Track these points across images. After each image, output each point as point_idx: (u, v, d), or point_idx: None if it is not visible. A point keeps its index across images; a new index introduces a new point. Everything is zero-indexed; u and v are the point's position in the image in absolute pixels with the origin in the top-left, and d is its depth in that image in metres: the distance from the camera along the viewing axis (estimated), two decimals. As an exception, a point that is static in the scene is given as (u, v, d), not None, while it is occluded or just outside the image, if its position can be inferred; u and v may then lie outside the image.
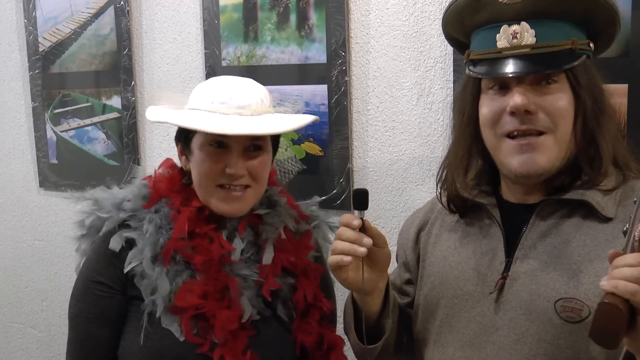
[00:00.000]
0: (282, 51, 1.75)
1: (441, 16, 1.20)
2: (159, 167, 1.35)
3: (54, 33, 2.20)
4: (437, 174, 1.23)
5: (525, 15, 1.05)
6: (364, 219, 1.13)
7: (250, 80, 1.30)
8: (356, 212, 1.15)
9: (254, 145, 1.25)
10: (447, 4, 1.15)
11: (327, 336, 1.30)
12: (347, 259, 1.11)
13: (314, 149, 1.74)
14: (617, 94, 1.35)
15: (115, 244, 1.25)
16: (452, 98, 1.55)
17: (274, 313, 1.28)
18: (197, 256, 1.22)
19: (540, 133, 1.05)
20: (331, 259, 1.13)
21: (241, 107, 1.23)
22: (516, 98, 1.04)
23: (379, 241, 1.15)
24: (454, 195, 1.19)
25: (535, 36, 1.04)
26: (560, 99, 1.05)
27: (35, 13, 2.23)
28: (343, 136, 1.70)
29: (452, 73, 1.54)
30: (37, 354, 2.47)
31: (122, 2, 2.03)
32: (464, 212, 1.19)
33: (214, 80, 1.29)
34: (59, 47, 2.20)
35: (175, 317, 1.20)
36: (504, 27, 1.06)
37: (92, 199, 1.32)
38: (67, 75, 2.20)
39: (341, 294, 1.70)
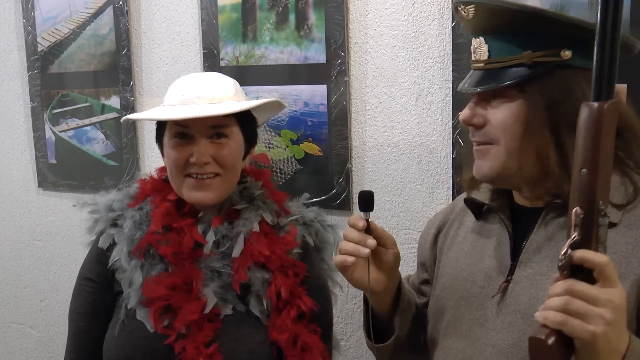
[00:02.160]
0: (281, 51, 1.75)
1: (440, 16, 1.20)
2: (155, 171, 1.41)
3: (52, 33, 2.20)
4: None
5: (480, 31, 1.08)
6: (369, 220, 1.14)
7: (217, 73, 1.37)
8: (362, 213, 1.16)
9: (217, 133, 1.29)
10: (445, 5, 1.16)
11: (303, 336, 1.29)
12: (350, 259, 1.13)
13: (313, 149, 1.74)
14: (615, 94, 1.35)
15: (103, 242, 1.32)
16: (450, 98, 1.55)
17: (248, 309, 1.29)
18: (168, 248, 1.26)
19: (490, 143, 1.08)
20: (336, 259, 1.15)
21: (199, 97, 1.29)
22: (463, 112, 1.09)
23: (386, 242, 1.17)
24: (468, 197, 1.21)
25: (488, 51, 1.06)
26: (501, 113, 1.05)
27: (33, 13, 2.23)
28: (342, 136, 1.70)
29: (450, 73, 1.54)
30: (36, 354, 2.47)
31: (120, 2, 2.03)
32: (479, 214, 1.19)
33: (182, 77, 1.36)
34: (58, 47, 2.19)
35: (146, 309, 1.24)
36: (472, 41, 1.10)
37: (92, 204, 1.39)
38: (65, 75, 2.20)
39: (346, 294, 1.70)
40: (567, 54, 1.02)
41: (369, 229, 1.14)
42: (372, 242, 1.13)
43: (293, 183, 1.77)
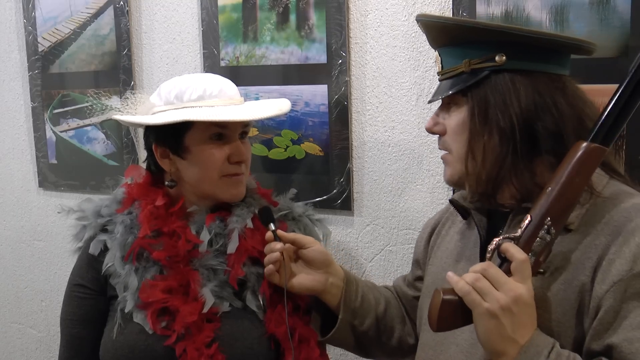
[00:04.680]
0: (281, 51, 1.76)
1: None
2: (128, 174, 1.42)
3: (53, 33, 2.20)
4: None
5: (433, 44, 1.15)
6: (275, 230, 1.28)
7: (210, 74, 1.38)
8: (272, 226, 1.29)
9: (243, 132, 1.33)
10: (445, 5, 1.17)
11: (299, 328, 1.31)
12: (270, 267, 1.26)
13: (314, 149, 1.74)
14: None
15: (94, 248, 1.33)
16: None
17: (245, 305, 1.30)
18: (161, 252, 1.27)
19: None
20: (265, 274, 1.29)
21: (232, 97, 1.32)
22: (428, 121, 1.16)
23: (302, 242, 1.30)
24: (452, 197, 1.22)
25: (441, 63, 1.12)
26: (453, 121, 1.10)
27: (34, 13, 2.23)
28: (343, 136, 1.70)
29: (451, 73, 1.54)
30: (37, 354, 2.47)
31: (121, 2, 2.03)
32: (467, 214, 1.20)
33: (186, 79, 1.33)
34: (59, 47, 2.20)
35: (143, 311, 1.25)
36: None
37: (79, 211, 1.39)
38: (66, 76, 2.20)
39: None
40: (501, 58, 1.05)
41: (277, 238, 1.27)
42: (279, 246, 1.25)
43: (294, 183, 1.77)
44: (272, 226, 1.28)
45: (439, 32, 1.11)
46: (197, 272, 1.28)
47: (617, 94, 0.98)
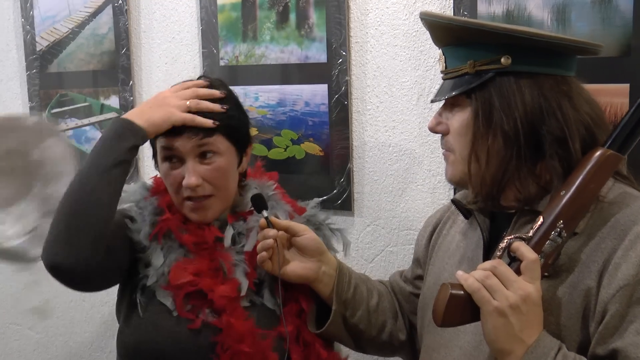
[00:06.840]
0: (281, 50, 1.75)
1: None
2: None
3: (51, 32, 2.19)
4: None
5: (438, 42, 1.14)
6: (268, 217, 1.27)
7: None
8: (263, 213, 1.27)
9: (202, 152, 1.26)
10: (446, 4, 1.16)
11: (304, 332, 1.31)
12: (262, 254, 1.25)
13: (314, 149, 1.74)
14: (619, 93, 1.35)
15: (129, 209, 1.31)
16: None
17: (263, 303, 1.30)
18: (189, 237, 1.27)
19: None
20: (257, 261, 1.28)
21: None
22: (430, 120, 1.14)
23: (295, 230, 1.29)
24: (454, 197, 1.22)
25: (445, 62, 1.11)
26: (456, 122, 1.09)
27: (32, 12, 2.22)
28: (343, 136, 1.69)
29: (452, 73, 1.54)
30: (34, 355, 2.46)
31: (120, 1, 2.02)
32: (467, 215, 1.19)
33: None
34: (57, 47, 2.19)
35: (169, 292, 1.24)
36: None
37: None
38: (64, 75, 2.19)
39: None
40: (507, 60, 1.04)
41: (271, 225, 1.26)
42: (272, 232, 1.24)
43: (293, 183, 1.76)
44: (264, 213, 1.27)
45: (443, 31, 1.10)
46: (229, 253, 1.28)
47: (638, 103, 0.98)
